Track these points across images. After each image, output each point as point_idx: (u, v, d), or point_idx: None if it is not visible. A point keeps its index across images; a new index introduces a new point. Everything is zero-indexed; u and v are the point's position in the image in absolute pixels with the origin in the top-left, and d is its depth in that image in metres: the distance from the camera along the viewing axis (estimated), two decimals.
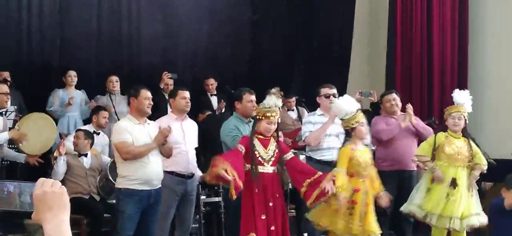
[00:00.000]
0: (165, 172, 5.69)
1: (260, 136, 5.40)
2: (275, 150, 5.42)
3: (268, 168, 5.35)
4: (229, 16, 10.16)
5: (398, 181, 6.68)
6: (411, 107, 6.87)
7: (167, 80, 8.52)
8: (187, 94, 5.98)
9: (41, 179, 1.82)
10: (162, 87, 8.45)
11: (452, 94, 6.31)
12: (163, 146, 5.49)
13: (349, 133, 5.67)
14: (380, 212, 5.86)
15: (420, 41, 9.48)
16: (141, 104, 5.44)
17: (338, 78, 9.70)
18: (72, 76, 8.09)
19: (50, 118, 6.99)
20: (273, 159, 5.40)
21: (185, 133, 5.90)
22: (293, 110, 9.04)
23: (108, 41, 9.13)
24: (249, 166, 5.30)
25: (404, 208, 6.18)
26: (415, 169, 6.73)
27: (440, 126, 7.30)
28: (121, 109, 7.89)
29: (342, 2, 10.67)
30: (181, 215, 6.08)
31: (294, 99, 9.03)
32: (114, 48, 9.15)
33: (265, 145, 5.40)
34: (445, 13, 9.48)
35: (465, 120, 6.15)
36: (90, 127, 7.38)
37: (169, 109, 8.23)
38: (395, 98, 6.96)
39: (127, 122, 5.49)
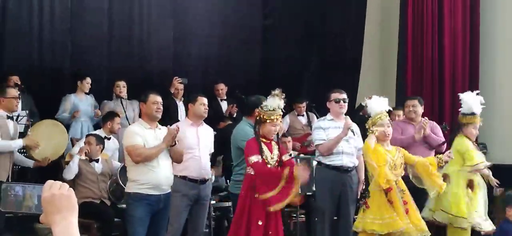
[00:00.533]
0: (178, 177, 5.70)
1: (263, 140, 5.40)
2: (277, 154, 5.42)
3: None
4: (241, 21, 10.17)
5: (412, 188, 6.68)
6: (426, 121, 6.87)
7: (178, 85, 8.53)
8: (205, 100, 6.00)
9: (49, 182, 1.82)
10: (172, 91, 8.47)
11: (460, 95, 6.32)
12: (173, 148, 5.48)
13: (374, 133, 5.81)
14: None
15: (431, 46, 9.46)
16: (149, 108, 5.44)
17: (349, 84, 9.69)
18: (89, 82, 8.11)
19: (61, 124, 7.05)
20: (276, 163, 5.41)
21: (199, 139, 5.88)
22: (303, 115, 9.03)
23: (119, 46, 9.15)
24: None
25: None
26: None
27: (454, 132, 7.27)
28: (129, 114, 7.90)
29: (353, 8, 10.66)
30: (193, 220, 6.07)
31: (304, 104, 9.03)
32: (125, 53, 9.17)
33: (270, 148, 5.40)
34: (456, 18, 9.45)
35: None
36: (101, 132, 7.40)
37: (179, 114, 8.32)
38: (415, 105, 6.98)
39: (138, 126, 5.51)
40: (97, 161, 6.78)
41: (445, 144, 6.91)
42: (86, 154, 6.76)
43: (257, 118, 5.43)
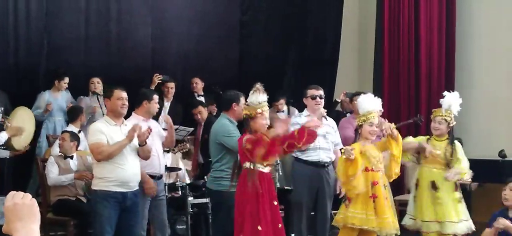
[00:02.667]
0: None
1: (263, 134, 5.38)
2: None
3: (266, 169, 5.28)
4: (219, 17, 10.16)
5: None
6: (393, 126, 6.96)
7: (157, 81, 8.51)
8: (158, 98, 6.04)
9: (12, 192, 1.86)
10: (152, 88, 8.43)
11: (441, 97, 6.31)
12: (142, 148, 5.47)
13: (357, 131, 5.78)
14: None
15: (407, 43, 9.54)
16: (114, 104, 5.43)
17: (327, 80, 9.75)
18: (67, 82, 8.07)
19: (28, 109, 7.05)
20: None
21: (153, 135, 5.86)
22: (282, 111, 9.06)
23: (97, 43, 9.09)
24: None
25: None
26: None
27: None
28: (105, 111, 7.86)
29: (331, 4, 10.71)
30: (157, 217, 6.08)
31: (282, 101, 9.05)
32: (102, 51, 9.12)
33: None
34: (432, 14, 9.53)
35: (449, 123, 6.11)
36: (74, 127, 7.36)
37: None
38: None
39: (102, 123, 5.48)
40: (71, 158, 6.74)
41: None
42: (61, 150, 6.72)
43: (245, 117, 5.36)
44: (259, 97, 5.30)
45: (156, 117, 6.58)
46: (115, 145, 5.30)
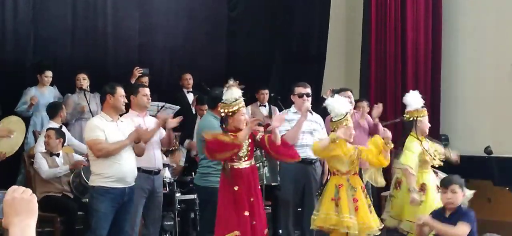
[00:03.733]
0: None
1: (233, 134, 5.37)
2: (248, 144, 5.40)
3: (244, 164, 5.28)
4: (206, 13, 10.14)
5: None
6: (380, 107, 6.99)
7: (138, 74, 8.47)
8: (147, 91, 6.03)
9: (13, 187, 1.89)
10: (133, 82, 8.39)
11: (403, 98, 6.33)
12: (137, 145, 5.50)
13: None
14: None
15: (394, 40, 9.57)
16: (118, 101, 5.48)
17: (314, 76, 9.75)
18: (49, 76, 8.02)
19: (22, 122, 6.98)
20: (248, 153, 5.35)
21: (147, 129, 5.88)
22: (265, 105, 9.06)
23: (84, 38, 9.03)
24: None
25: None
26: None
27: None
28: (92, 107, 7.81)
29: (318, 0, 10.72)
30: (151, 213, 6.08)
31: (267, 91, 9.03)
32: (89, 45, 9.06)
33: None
34: (419, 11, 9.58)
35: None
36: (55, 124, 7.31)
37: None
38: (350, 96, 7.03)
39: (100, 119, 5.50)
40: (58, 155, 6.71)
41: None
42: (47, 147, 6.69)
43: (223, 115, 5.33)
44: (233, 93, 5.28)
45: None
46: (116, 144, 5.33)
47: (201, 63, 9.79)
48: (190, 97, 8.99)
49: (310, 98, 6.46)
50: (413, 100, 6.21)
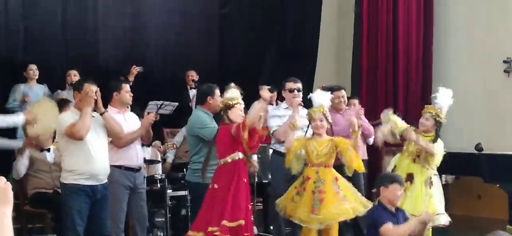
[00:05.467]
0: (113, 166, 5.65)
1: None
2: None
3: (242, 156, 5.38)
4: (198, 9, 10.14)
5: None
6: (362, 110, 7.02)
7: (135, 72, 8.48)
8: (128, 87, 6.02)
9: None
10: (131, 80, 8.40)
11: (432, 96, 6.33)
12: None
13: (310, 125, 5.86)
14: None
15: (385, 37, 9.60)
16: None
17: (306, 73, 9.77)
18: (34, 69, 8.00)
19: (49, 100, 6.89)
20: None
21: (128, 126, 5.87)
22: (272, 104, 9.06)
23: (75, 34, 9.03)
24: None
25: None
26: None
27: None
28: None
29: None
30: (136, 210, 6.04)
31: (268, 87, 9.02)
32: (80, 41, 9.06)
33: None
34: (410, 9, 9.61)
35: (436, 121, 6.09)
36: None
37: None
38: (344, 95, 7.05)
39: (69, 115, 5.40)
40: (48, 150, 6.69)
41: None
42: (37, 144, 6.65)
43: (223, 108, 5.43)
44: (233, 93, 5.47)
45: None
46: (83, 118, 5.25)
47: (194, 60, 9.79)
48: (192, 93, 8.98)
49: (301, 93, 6.48)
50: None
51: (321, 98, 5.90)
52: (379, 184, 5.04)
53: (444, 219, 6.07)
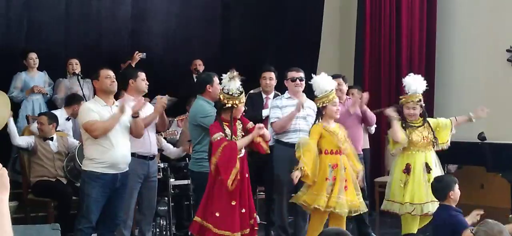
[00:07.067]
0: None
1: (226, 123, 5.40)
2: (241, 127, 5.47)
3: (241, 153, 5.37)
4: None
5: None
6: (366, 96, 6.99)
7: (138, 58, 8.47)
8: (144, 75, 6.00)
9: None
10: (133, 65, 8.40)
11: (403, 80, 6.34)
12: (135, 120, 5.48)
13: (321, 112, 5.78)
14: None
15: (389, 25, 9.55)
16: (103, 83, 5.46)
17: (308, 62, 9.74)
18: (34, 58, 8.00)
19: (4, 94, 6.91)
20: (243, 136, 5.46)
21: (143, 114, 5.86)
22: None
23: (77, 23, 9.01)
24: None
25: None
26: (361, 153, 6.81)
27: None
28: (85, 92, 7.79)
29: None
30: (145, 199, 6.07)
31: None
32: (82, 30, 9.05)
33: (234, 129, 5.42)
34: None
35: (421, 105, 6.16)
36: (62, 112, 7.30)
37: None
38: (341, 83, 7.03)
39: (93, 103, 5.48)
40: (51, 139, 6.69)
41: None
42: (40, 133, 6.67)
43: (225, 105, 5.37)
44: (237, 84, 5.37)
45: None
46: (109, 119, 5.29)
47: (195, 48, 9.77)
48: None
49: (303, 83, 6.48)
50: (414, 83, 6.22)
51: (326, 82, 5.86)
52: (448, 190, 5.00)
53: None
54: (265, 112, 6.74)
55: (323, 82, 5.85)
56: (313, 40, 10.58)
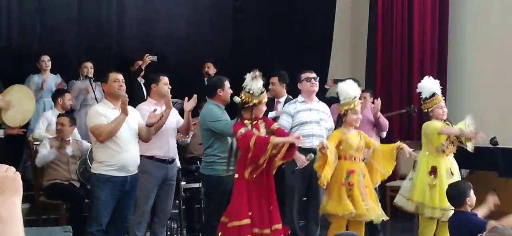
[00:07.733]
0: (144, 157, 5.68)
1: (247, 122, 5.43)
2: (264, 126, 5.51)
3: None
4: (211, 1, 10.13)
5: None
6: (379, 102, 7.00)
7: (148, 61, 8.48)
8: (166, 79, 6.01)
9: None
10: (143, 68, 8.42)
11: (418, 85, 6.34)
12: (148, 128, 5.48)
13: (342, 118, 5.82)
14: None
15: (400, 28, 9.51)
16: (111, 87, 5.45)
17: (319, 65, 9.71)
18: (46, 61, 8.04)
19: (30, 90, 6.99)
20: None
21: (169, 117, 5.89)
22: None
23: (89, 26, 9.07)
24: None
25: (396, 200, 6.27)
26: None
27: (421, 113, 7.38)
28: (97, 95, 7.82)
29: None
30: (161, 202, 6.09)
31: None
32: (94, 33, 9.10)
33: (257, 127, 5.47)
34: (426, 1, 9.50)
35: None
36: (55, 111, 7.32)
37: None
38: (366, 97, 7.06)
39: (102, 106, 5.49)
40: (68, 142, 6.71)
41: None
42: (59, 134, 6.68)
43: (246, 104, 5.44)
44: (259, 83, 5.42)
45: None
46: (112, 123, 5.29)
47: (206, 51, 9.78)
48: None
49: (317, 83, 6.52)
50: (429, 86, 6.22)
51: (351, 89, 5.88)
52: (464, 197, 4.98)
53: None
54: (271, 114, 6.73)
55: (347, 88, 5.86)
56: (324, 43, 10.56)
